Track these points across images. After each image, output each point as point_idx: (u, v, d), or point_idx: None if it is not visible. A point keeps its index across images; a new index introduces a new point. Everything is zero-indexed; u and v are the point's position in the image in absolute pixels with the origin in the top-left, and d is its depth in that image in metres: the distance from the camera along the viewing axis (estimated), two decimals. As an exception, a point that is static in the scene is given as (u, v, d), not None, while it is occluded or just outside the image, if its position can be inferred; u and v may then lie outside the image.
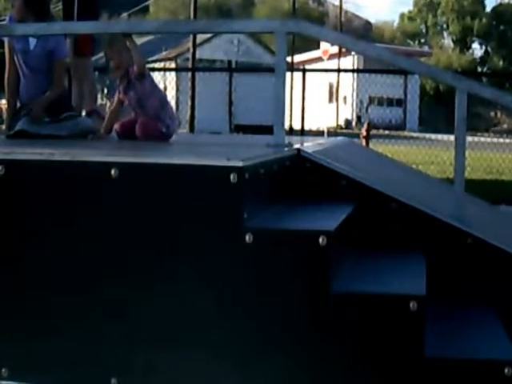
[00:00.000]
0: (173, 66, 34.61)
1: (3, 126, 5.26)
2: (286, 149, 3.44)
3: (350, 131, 31.86)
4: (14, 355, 2.81)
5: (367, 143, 16.54)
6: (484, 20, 66.45)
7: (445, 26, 70.70)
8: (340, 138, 6.04)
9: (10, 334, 2.83)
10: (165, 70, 21.72)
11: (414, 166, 9.52)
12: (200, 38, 30.08)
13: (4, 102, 5.46)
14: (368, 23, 79.75)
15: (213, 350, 2.62)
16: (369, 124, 18.79)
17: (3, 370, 2.80)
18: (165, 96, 4.84)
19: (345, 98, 42.90)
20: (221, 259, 2.61)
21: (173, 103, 21.80)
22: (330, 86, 41.31)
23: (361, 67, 37.83)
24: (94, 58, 6.41)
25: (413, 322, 2.48)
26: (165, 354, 2.66)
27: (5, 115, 5.38)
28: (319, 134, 20.56)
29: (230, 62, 32.93)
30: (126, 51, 4.37)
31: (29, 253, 2.81)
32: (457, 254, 3.32)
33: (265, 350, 2.59)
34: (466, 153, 3.49)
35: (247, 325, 2.60)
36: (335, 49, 35.08)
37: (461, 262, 3.31)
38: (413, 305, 2.48)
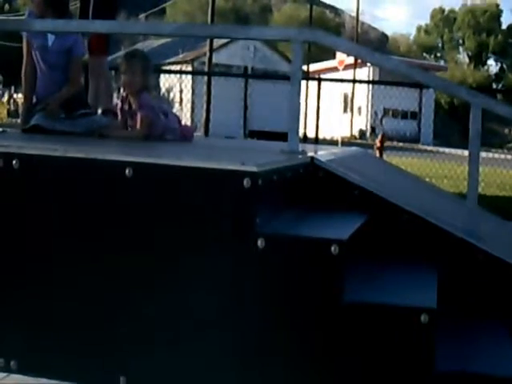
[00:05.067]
0: (189, 69, 34.69)
1: (19, 120, 5.28)
2: (299, 156, 3.42)
3: (364, 142, 31.86)
4: (23, 349, 2.81)
5: (381, 154, 16.52)
6: (500, 37, 66.29)
7: (460, 41, 70.59)
8: (354, 148, 6.01)
9: (19, 327, 2.82)
10: (181, 72, 21.75)
11: (427, 180, 9.48)
12: (217, 42, 30.15)
13: (21, 96, 5.49)
14: (384, 35, 79.84)
15: (221, 354, 2.60)
16: (383, 135, 18.78)
17: (12, 363, 2.80)
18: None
19: (359, 108, 42.88)
20: (232, 263, 2.59)
21: (188, 106, 21.88)
22: (345, 96, 41.29)
23: (376, 79, 37.78)
24: (110, 58, 6.41)
25: (423, 334, 2.45)
26: (174, 354, 2.64)
27: (21, 109, 5.39)
28: (333, 143, 20.56)
29: (246, 67, 33.01)
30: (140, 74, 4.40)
31: (38, 247, 2.80)
32: (468, 268, 3.29)
33: (273, 358, 2.57)
34: (480, 168, 3.46)
35: (256, 331, 2.58)
36: (351, 59, 35.05)
37: (472, 277, 3.29)
38: (424, 317, 2.45)
